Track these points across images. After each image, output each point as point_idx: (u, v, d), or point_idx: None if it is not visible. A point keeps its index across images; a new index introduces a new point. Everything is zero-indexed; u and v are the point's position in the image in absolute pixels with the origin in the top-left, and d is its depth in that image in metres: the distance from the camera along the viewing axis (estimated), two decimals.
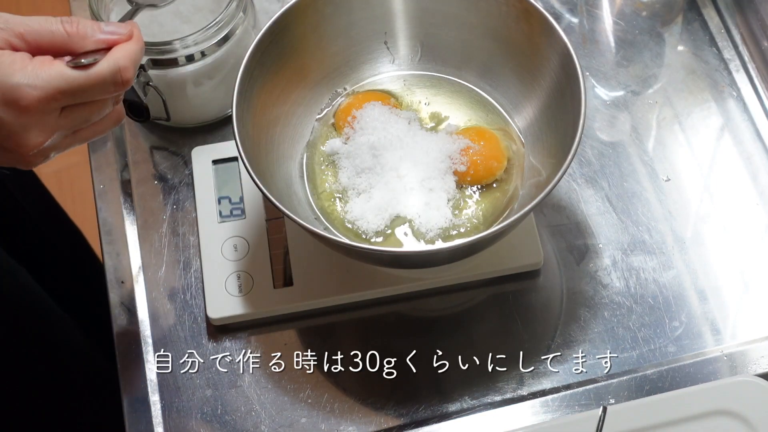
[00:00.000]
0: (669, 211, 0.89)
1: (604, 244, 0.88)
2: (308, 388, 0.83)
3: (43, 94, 0.64)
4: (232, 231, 0.87)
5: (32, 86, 0.64)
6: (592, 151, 0.92)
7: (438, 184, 0.83)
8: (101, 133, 0.71)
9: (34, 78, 0.64)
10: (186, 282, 0.87)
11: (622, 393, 0.81)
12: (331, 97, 0.89)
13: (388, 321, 0.86)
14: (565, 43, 0.78)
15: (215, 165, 0.90)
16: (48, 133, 0.66)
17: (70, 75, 0.65)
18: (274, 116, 0.84)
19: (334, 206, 0.84)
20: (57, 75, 0.64)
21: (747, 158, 0.92)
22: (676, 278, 0.86)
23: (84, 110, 0.68)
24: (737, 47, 0.97)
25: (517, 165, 0.85)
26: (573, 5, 0.99)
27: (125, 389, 0.83)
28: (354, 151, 0.84)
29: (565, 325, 0.84)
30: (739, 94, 0.95)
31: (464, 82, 0.89)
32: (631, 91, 0.95)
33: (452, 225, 0.82)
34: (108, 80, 0.66)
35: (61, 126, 0.67)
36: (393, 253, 0.79)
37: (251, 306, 0.84)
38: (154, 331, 0.85)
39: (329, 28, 0.85)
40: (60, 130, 0.67)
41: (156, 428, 0.81)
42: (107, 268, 0.88)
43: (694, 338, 0.84)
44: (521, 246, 0.85)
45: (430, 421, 0.81)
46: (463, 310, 0.86)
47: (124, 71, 0.66)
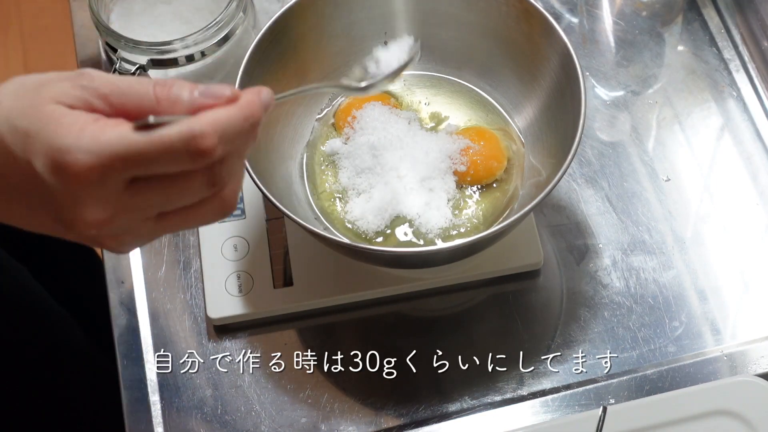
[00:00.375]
0: (669, 211, 0.89)
1: (604, 244, 0.88)
2: (308, 388, 0.83)
3: (96, 160, 0.52)
4: (232, 231, 0.87)
5: (85, 150, 0.52)
6: (592, 151, 0.92)
7: (438, 184, 0.83)
8: (199, 224, 0.58)
9: (91, 141, 0.52)
10: (186, 282, 0.87)
11: (622, 393, 0.81)
12: (331, 97, 0.89)
13: (388, 321, 0.86)
14: (565, 43, 0.78)
15: None
16: (109, 210, 0.54)
17: (131, 138, 0.52)
18: (274, 116, 0.84)
19: (334, 206, 0.84)
20: (117, 138, 0.52)
21: (747, 158, 0.92)
22: (676, 278, 0.86)
23: (159, 187, 0.54)
24: (737, 47, 0.97)
25: (517, 165, 0.85)
26: (573, 5, 0.99)
27: (125, 389, 0.83)
28: (354, 151, 0.84)
29: (565, 325, 0.84)
30: (739, 94, 0.95)
31: (464, 82, 0.89)
32: (631, 91, 0.95)
33: (452, 225, 0.82)
34: (177, 146, 0.52)
35: (130, 205, 0.55)
36: (393, 253, 0.79)
37: (251, 306, 0.84)
38: (154, 331, 0.85)
39: (329, 28, 0.85)
40: (131, 210, 0.55)
41: (156, 428, 0.81)
42: (107, 268, 0.88)
43: (694, 338, 0.84)
44: (521, 246, 0.85)
45: (430, 421, 0.81)
46: (463, 310, 0.86)
47: (200, 138, 0.52)
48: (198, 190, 0.55)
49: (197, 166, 0.54)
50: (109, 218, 0.54)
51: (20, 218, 0.59)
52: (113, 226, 0.55)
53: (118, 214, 0.54)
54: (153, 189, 0.54)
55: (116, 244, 0.57)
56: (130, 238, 0.57)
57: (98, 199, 0.54)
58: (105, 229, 0.55)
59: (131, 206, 0.55)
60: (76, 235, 0.56)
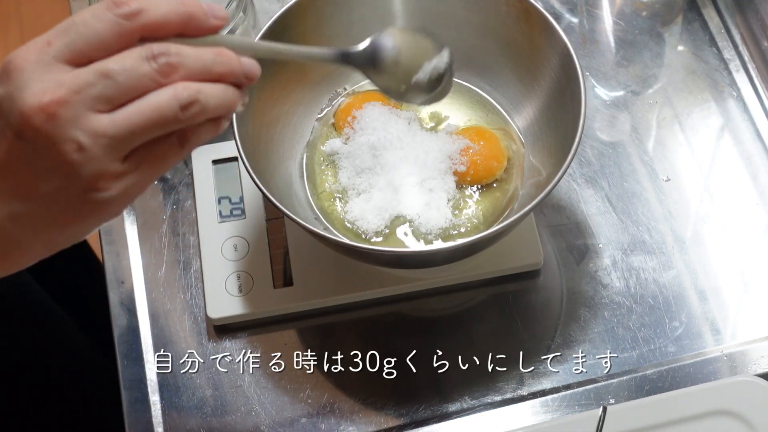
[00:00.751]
0: (669, 211, 0.89)
1: (604, 244, 0.88)
2: (308, 388, 0.83)
3: (32, 45, 0.54)
4: (232, 231, 0.87)
5: (23, 48, 0.54)
6: (592, 151, 0.92)
7: (438, 184, 0.83)
8: (157, 122, 0.55)
9: (28, 43, 0.55)
10: (186, 282, 0.87)
11: (622, 393, 0.81)
12: (331, 97, 0.89)
13: (388, 321, 0.86)
14: (565, 43, 0.78)
15: (215, 165, 0.90)
16: (55, 86, 0.53)
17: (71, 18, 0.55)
18: (274, 116, 0.84)
19: (334, 206, 0.84)
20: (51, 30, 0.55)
21: (747, 158, 0.92)
22: (676, 278, 0.86)
23: (100, 66, 0.54)
24: (737, 47, 0.97)
25: (517, 165, 0.85)
26: (573, 5, 0.99)
27: (125, 389, 0.83)
28: (354, 151, 0.84)
29: (565, 325, 0.84)
30: (739, 94, 0.95)
31: (464, 82, 0.89)
32: (631, 91, 0.95)
33: (452, 225, 0.82)
34: (98, 7, 0.54)
35: (76, 82, 0.54)
36: (393, 253, 0.79)
37: (251, 306, 0.84)
38: (154, 331, 0.85)
39: (329, 28, 0.85)
40: (78, 89, 0.54)
41: (156, 428, 0.81)
42: (107, 268, 0.88)
43: (694, 338, 0.84)
44: (521, 246, 0.85)
45: (430, 421, 0.81)
46: (463, 310, 0.86)
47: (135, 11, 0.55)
48: (139, 65, 0.54)
49: (120, 21, 0.54)
50: (57, 99, 0.53)
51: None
52: (64, 113, 0.53)
53: (66, 96, 0.53)
54: (94, 66, 0.54)
55: (76, 151, 0.54)
56: (88, 139, 0.54)
57: (40, 80, 0.53)
58: (56, 116, 0.53)
59: (76, 85, 0.53)
60: (30, 135, 0.54)
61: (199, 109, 0.56)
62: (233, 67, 0.58)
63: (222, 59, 0.57)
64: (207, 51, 0.57)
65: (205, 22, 0.57)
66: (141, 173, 0.57)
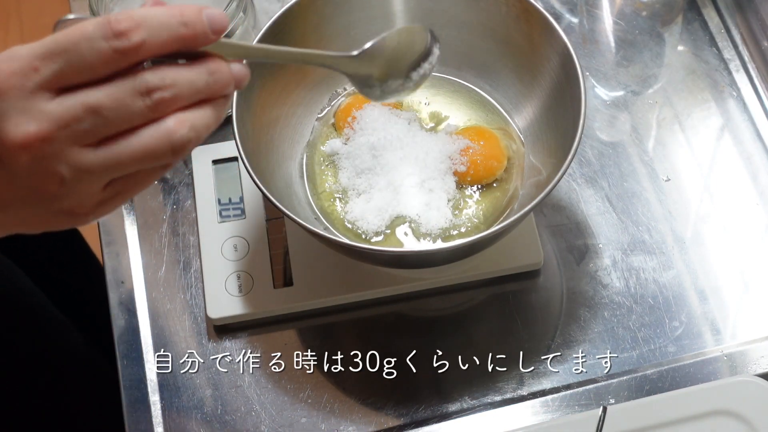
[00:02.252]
0: (669, 211, 0.89)
1: (604, 244, 0.88)
2: (308, 388, 0.83)
3: (15, 64, 0.51)
4: (232, 231, 0.87)
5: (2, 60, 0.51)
6: (592, 151, 0.92)
7: (438, 185, 0.83)
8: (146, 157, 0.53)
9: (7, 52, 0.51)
10: (186, 282, 0.87)
11: (622, 393, 0.81)
12: (331, 97, 0.89)
13: (388, 321, 0.86)
14: (565, 43, 0.78)
15: (215, 165, 0.90)
16: (39, 122, 0.51)
17: (48, 38, 0.51)
18: (274, 116, 0.84)
19: (334, 206, 0.84)
20: (34, 43, 0.51)
21: (747, 158, 0.92)
22: (676, 278, 0.86)
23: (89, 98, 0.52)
24: (737, 47, 0.97)
25: (517, 165, 0.85)
26: (573, 5, 0.99)
27: (125, 389, 0.83)
28: (354, 151, 0.84)
29: (565, 325, 0.84)
30: (739, 94, 0.95)
31: (464, 82, 0.89)
32: (631, 91, 0.95)
33: (452, 225, 0.82)
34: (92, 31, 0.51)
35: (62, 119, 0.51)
36: (393, 253, 0.79)
37: (251, 306, 0.84)
38: (154, 331, 0.85)
39: (329, 28, 0.85)
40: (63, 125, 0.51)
41: (156, 428, 0.81)
42: (107, 268, 0.88)
43: (694, 338, 0.84)
44: (521, 246, 0.85)
45: (430, 421, 0.81)
46: (463, 310, 0.86)
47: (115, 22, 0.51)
48: (131, 101, 0.52)
49: (117, 55, 0.51)
50: (42, 135, 0.50)
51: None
52: (49, 149, 0.51)
53: (51, 132, 0.51)
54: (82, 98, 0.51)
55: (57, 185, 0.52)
56: (71, 174, 0.52)
57: (24, 110, 0.51)
58: (40, 152, 0.51)
59: (63, 120, 0.51)
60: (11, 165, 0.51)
61: (191, 146, 0.54)
62: (226, 84, 0.55)
63: (215, 78, 0.55)
64: (201, 73, 0.54)
65: (204, 40, 0.55)
66: (120, 196, 0.56)
